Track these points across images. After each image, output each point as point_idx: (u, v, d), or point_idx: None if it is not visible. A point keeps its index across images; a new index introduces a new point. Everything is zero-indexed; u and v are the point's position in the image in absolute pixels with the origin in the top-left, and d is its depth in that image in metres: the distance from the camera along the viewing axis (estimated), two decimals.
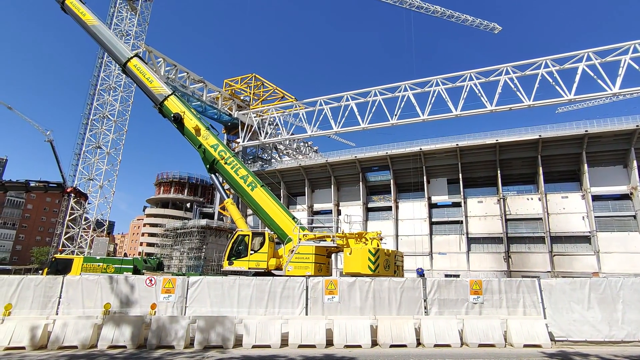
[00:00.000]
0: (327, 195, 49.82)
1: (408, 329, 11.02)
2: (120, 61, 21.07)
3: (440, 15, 65.27)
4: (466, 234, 41.83)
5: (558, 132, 39.14)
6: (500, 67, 39.01)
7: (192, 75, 49.85)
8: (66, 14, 22.58)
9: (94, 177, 46.51)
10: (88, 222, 46.64)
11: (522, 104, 37.68)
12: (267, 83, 60.46)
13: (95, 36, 21.78)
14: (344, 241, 15.94)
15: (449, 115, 40.72)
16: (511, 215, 40.83)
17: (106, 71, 49.07)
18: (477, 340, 10.86)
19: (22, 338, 10.28)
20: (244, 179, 17.94)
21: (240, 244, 16.34)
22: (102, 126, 47.67)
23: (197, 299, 12.02)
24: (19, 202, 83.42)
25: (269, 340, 10.67)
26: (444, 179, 45.24)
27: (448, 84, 41.30)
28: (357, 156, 46.78)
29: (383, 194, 48.16)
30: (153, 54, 45.08)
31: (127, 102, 49.35)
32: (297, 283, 12.14)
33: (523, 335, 10.94)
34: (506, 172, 42.35)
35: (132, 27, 49.46)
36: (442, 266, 42.08)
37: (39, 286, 11.90)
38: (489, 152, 42.19)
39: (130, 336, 10.51)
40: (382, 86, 43.95)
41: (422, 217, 44.25)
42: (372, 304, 11.89)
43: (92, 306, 11.83)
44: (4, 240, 79.23)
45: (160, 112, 20.05)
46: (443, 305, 11.98)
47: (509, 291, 12.08)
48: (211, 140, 18.83)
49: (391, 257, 15.45)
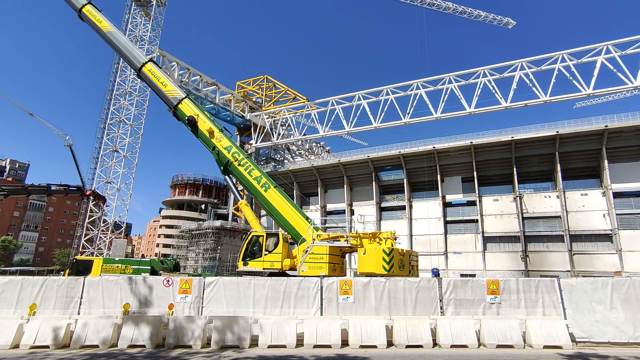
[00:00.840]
0: (340, 195, 49.76)
1: (424, 329, 10.93)
2: (136, 66, 21.49)
3: (453, 11, 64.44)
4: (482, 232, 41.21)
5: (576, 128, 38.17)
6: (515, 62, 38.28)
7: (205, 78, 50.50)
8: (83, 21, 23.16)
9: (112, 180, 47.57)
10: (106, 224, 47.73)
11: (538, 100, 36.90)
12: (278, 84, 60.79)
13: (111, 42, 22.28)
14: (357, 241, 15.89)
15: (462, 113, 40.18)
16: (528, 214, 40.02)
17: (122, 76, 50.12)
18: (495, 341, 10.68)
19: (46, 337, 10.59)
20: (258, 180, 18.07)
21: (254, 244, 16.46)
22: (118, 130, 48.72)
23: (213, 299, 12.17)
24: (41, 205, 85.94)
25: (284, 340, 10.73)
26: (458, 178, 44.65)
27: (461, 81, 40.74)
28: (370, 156, 46.59)
29: (396, 193, 47.83)
30: (167, 58, 45.86)
31: (142, 106, 50.33)
32: (311, 283, 12.17)
33: (543, 336, 10.71)
34: (522, 169, 41.53)
35: (146, 33, 50.40)
36: (457, 266, 41.56)
37: (61, 287, 12.24)
38: (504, 150, 41.45)
39: (149, 336, 10.72)
40: (393, 85, 43.68)
41: (437, 216, 43.79)
42: (387, 304, 11.83)
43: (112, 306, 12.10)
44: (27, 242, 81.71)
45: (174, 115, 20.36)
46: (459, 305, 11.82)
47: (528, 291, 11.85)
48: (225, 142, 19.03)
49: (406, 257, 15.33)
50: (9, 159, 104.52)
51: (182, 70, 47.97)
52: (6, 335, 10.53)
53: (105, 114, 49.44)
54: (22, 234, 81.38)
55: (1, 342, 10.43)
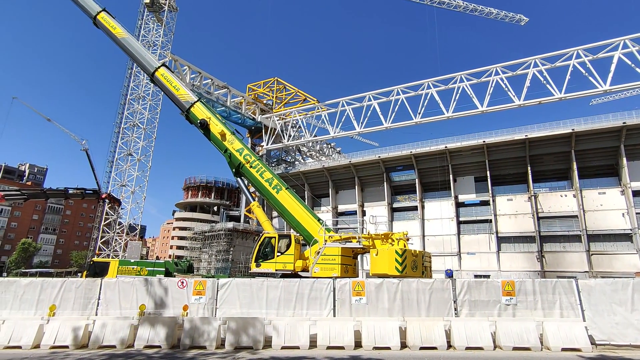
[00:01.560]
0: (351, 196, 49.68)
1: (438, 331, 10.82)
2: (149, 71, 21.84)
3: (463, 9, 63.79)
4: (496, 233, 40.60)
5: (593, 125, 37.35)
6: (529, 59, 37.69)
7: (216, 81, 51.07)
8: (98, 28, 23.66)
9: (126, 183, 48.52)
10: (121, 226, 48.67)
11: (553, 97, 36.24)
12: (289, 86, 61.07)
13: (124, 48, 22.71)
14: (370, 242, 15.84)
15: (474, 112, 39.72)
16: (544, 213, 39.28)
17: (135, 81, 51.13)
18: (511, 343, 10.51)
19: (66, 337, 10.84)
20: (269, 182, 18.16)
21: (266, 246, 16.56)
22: (132, 134, 49.67)
23: (226, 300, 12.28)
24: (58, 209, 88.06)
25: (297, 341, 10.76)
26: (470, 177, 44.13)
27: (473, 80, 40.30)
28: (381, 156, 46.41)
29: (408, 193, 47.52)
30: (179, 62, 46.53)
31: (155, 110, 51.26)
32: (324, 285, 12.17)
33: (561, 338, 10.49)
34: (537, 168, 40.81)
35: (158, 38, 51.32)
36: (471, 266, 41.03)
37: (79, 288, 12.52)
38: (518, 148, 40.80)
39: (164, 336, 10.87)
40: (404, 85, 43.47)
41: (449, 216, 43.34)
42: (401, 305, 11.75)
43: (128, 307, 12.32)
44: (46, 245, 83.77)
45: (187, 118, 20.62)
46: (474, 306, 11.67)
47: (544, 292, 11.62)
48: (236, 145, 19.19)
49: (419, 258, 15.22)
50: (28, 163, 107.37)
51: (194, 74, 48.62)
52: (28, 335, 10.82)
53: (120, 118, 50.53)
54: (41, 236, 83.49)
55: (23, 342, 10.72)
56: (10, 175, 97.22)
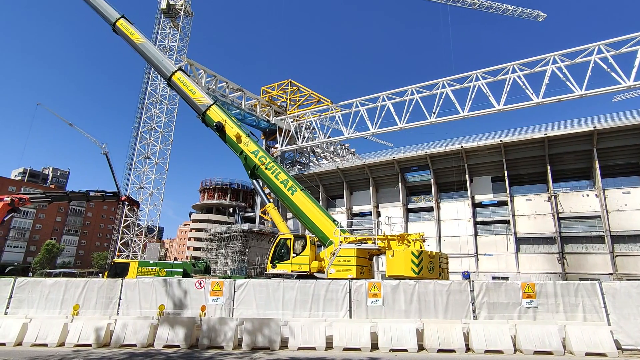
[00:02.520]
0: (365, 197, 49.47)
1: (456, 334, 10.66)
2: (166, 75, 22.27)
3: (479, 7, 62.82)
4: (514, 233, 39.75)
5: (616, 122, 36.17)
6: (547, 56, 36.84)
7: (231, 84, 51.71)
8: (117, 34, 24.29)
9: (144, 185, 49.53)
10: (140, 228, 49.70)
11: (573, 94, 35.31)
12: (302, 88, 61.30)
13: (142, 53, 23.24)
14: (385, 243, 15.75)
15: (491, 111, 39.06)
16: (564, 214, 38.23)
17: (152, 85, 52.19)
18: (532, 347, 10.26)
19: (89, 336, 11.14)
20: (284, 184, 18.26)
21: (282, 247, 16.65)
22: (150, 137, 50.70)
23: (243, 301, 12.40)
24: (80, 211, 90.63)
25: (314, 342, 10.77)
26: (487, 177, 43.36)
27: (489, 78, 39.64)
28: (396, 157, 46.07)
29: (424, 194, 47.01)
30: (194, 66, 47.34)
31: (172, 113, 52.20)
32: (340, 286, 12.16)
33: (584, 342, 10.18)
34: (557, 167, 39.79)
35: (174, 43, 52.29)
36: (488, 268, 40.28)
37: (101, 288, 12.85)
38: (536, 147, 39.88)
39: (183, 337, 11.06)
40: (419, 84, 43.11)
41: (466, 217, 42.66)
42: (417, 307, 11.64)
43: (148, 307, 12.58)
44: (69, 246, 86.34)
45: (203, 121, 20.93)
46: (493, 309, 11.46)
47: (566, 295, 11.32)
48: (252, 147, 19.37)
49: (435, 259, 15.05)
50: (51, 167, 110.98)
51: (209, 78, 49.35)
52: (53, 333, 11.17)
53: (138, 122, 51.65)
54: (64, 237, 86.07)
55: (49, 340, 11.07)
56: (34, 178, 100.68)
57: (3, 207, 24.10)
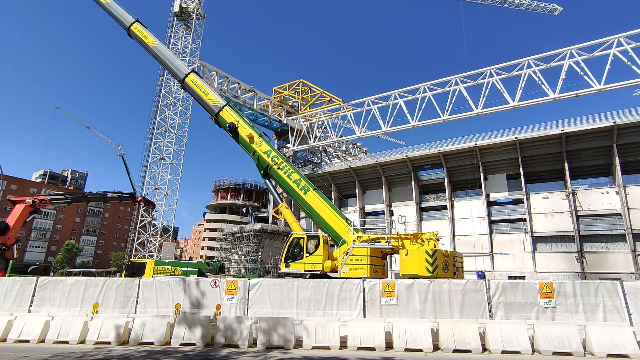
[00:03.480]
0: (378, 196, 49.22)
1: (472, 334, 10.54)
2: (179, 77, 22.61)
3: (492, 2, 61.77)
4: (530, 232, 38.98)
5: (637, 117, 35.07)
6: (563, 50, 35.97)
7: (243, 85, 52.08)
8: (132, 38, 24.78)
9: (159, 186, 50.33)
10: (156, 228, 50.54)
11: (592, 89, 34.39)
12: (314, 87, 61.35)
13: (156, 56, 23.65)
14: (399, 242, 15.65)
15: (505, 107, 38.37)
16: (583, 211, 37.28)
17: (166, 88, 52.97)
18: (551, 347, 10.06)
19: (108, 334, 11.42)
20: (297, 183, 18.32)
21: (295, 246, 16.71)
22: (164, 139, 51.50)
23: (257, 300, 12.51)
24: (98, 212, 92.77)
25: (328, 342, 10.80)
26: (502, 175, 42.62)
27: (503, 74, 38.95)
28: (408, 155, 45.70)
29: (437, 192, 46.49)
30: (207, 68, 47.86)
31: (185, 115, 52.88)
32: (353, 285, 12.15)
33: (606, 343, 9.94)
34: (575, 164, 38.82)
35: (187, 45, 52.95)
36: (504, 267, 39.60)
37: (119, 287, 13.16)
38: (553, 144, 38.99)
39: (200, 335, 11.22)
40: (431, 82, 42.65)
41: (481, 215, 42.02)
42: (432, 306, 11.55)
43: (164, 306, 12.82)
44: (87, 246, 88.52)
45: (216, 122, 21.18)
46: (510, 309, 11.29)
47: (586, 295, 11.06)
48: (264, 147, 19.50)
49: (450, 258, 14.89)
50: (70, 169, 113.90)
51: (221, 79, 49.81)
52: (74, 331, 11.48)
53: (152, 124, 52.49)
54: (82, 238, 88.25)
55: (70, 337, 11.39)
56: (54, 180, 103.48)
57: (25, 209, 24.82)
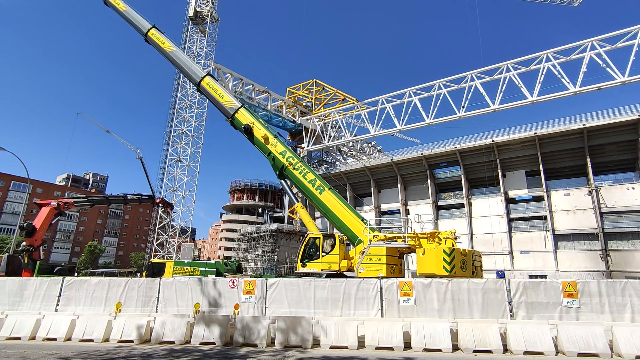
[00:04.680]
0: (394, 194, 48.86)
1: (492, 334, 10.35)
2: (195, 81, 22.98)
3: None
4: (552, 230, 37.97)
5: None
6: (584, 42, 34.90)
7: (257, 86, 52.53)
8: (149, 44, 25.34)
9: (177, 188, 51.28)
10: (174, 229, 51.52)
11: (615, 81, 33.27)
12: (327, 87, 61.36)
13: (173, 61, 24.11)
14: (416, 241, 15.52)
15: (524, 102, 37.51)
16: (607, 208, 36.11)
17: (182, 91, 53.91)
18: (576, 348, 9.78)
19: (131, 333, 11.71)
20: (312, 183, 18.37)
21: (311, 246, 16.74)
22: (181, 141, 52.43)
23: (275, 299, 12.61)
24: (118, 214, 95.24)
25: (345, 341, 10.79)
26: (521, 172, 41.66)
27: (521, 69, 38.08)
28: (424, 153, 45.20)
29: (454, 190, 45.83)
30: (221, 70, 48.47)
31: (201, 117, 53.70)
32: (370, 285, 12.11)
33: (635, 345, 9.58)
34: (598, 159, 37.63)
35: (202, 48, 53.77)
36: (524, 266, 38.72)
37: (141, 287, 13.47)
38: (575, 139, 37.88)
39: (218, 334, 11.38)
40: (446, 78, 42.05)
41: (499, 213, 41.21)
42: (451, 306, 11.39)
43: (184, 305, 13.06)
44: (109, 247, 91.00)
45: (232, 124, 21.41)
46: (531, 308, 11.03)
47: (612, 294, 10.71)
48: (279, 148, 19.63)
49: (468, 257, 14.66)
50: (91, 172, 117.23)
51: (236, 81, 50.37)
52: (98, 330, 11.82)
53: (169, 127, 53.49)
54: (104, 239, 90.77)
55: (95, 335, 11.73)
56: (77, 183, 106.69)
57: (50, 211, 25.70)
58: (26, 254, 24.01)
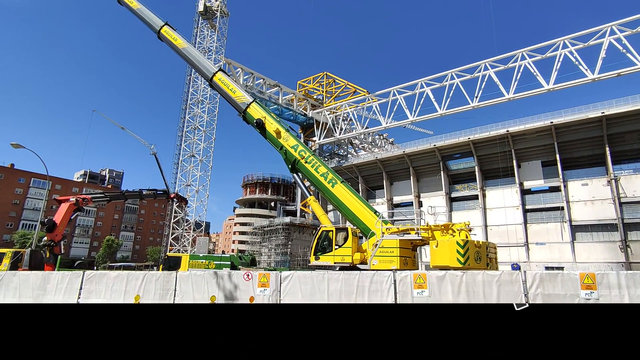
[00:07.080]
0: (406, 187, 48.56)
1: None
2: (207, 76, 23.11)
3: None
4: (569, 221, 37.26)
5: None
6: (603, 27, 33.81)
7: (268, 80, 52.58)
8: (162, 41, 25.58)
9: (191, 183, 51.96)
10: (188, 223, 52.34)
11: (636, 67, 32.23)
12: (338, 80, 61.03)
13: (185, 57, 24.29)
14: (429, 233, 15.42)
15: (539, 91, 36.65)
16: (627, 198, 35.19)
17: (194, 86, 54.27)
18: None
19: None
20: (325, 176, 18.38)
21: (324, 239, 16.80)
22: (194, 137, 52.97)
23: (289, 292, 12.74)
24: (134, 209, 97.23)
25: None
26: (537, 162, 40.86)
27: (536, 56, 37.14)
28: (436, 144, 44.70)
29: (467, 182, 45.28)
30: (232, 65, 48.66)
31: (213, 112, 54.04)
32: (384, 277, 12.13)
33: None
34: (617, 148, 36.62)
35: (212, 43, 53.92)
36: (541, 257, 38.16)
37: (158, 280, 13.77)
38: (593, 128, 36.91)
39: None
40: (458, 68, 41.36)
41: (514, 204, 40.60)
42: (466, 298, 11.35)
43: (200, 298, 13.32)
44: (126, 241, 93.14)
45: (244, 119, 21.51)
46: (548, 301, 10.90)
47: (632, 286, 10.49)
48: (291, 142, 19.66)
49: (482, 249, 14.52)
50: (108, 168, 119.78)
51: (247, 75, 50.52)
52: None
53: (182, 122, 54.03)
54: (121, 234, 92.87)
55: None
56: (94, 179, 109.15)
57: (69, 207, 26.33)
58: (48, 248, 24.69)
